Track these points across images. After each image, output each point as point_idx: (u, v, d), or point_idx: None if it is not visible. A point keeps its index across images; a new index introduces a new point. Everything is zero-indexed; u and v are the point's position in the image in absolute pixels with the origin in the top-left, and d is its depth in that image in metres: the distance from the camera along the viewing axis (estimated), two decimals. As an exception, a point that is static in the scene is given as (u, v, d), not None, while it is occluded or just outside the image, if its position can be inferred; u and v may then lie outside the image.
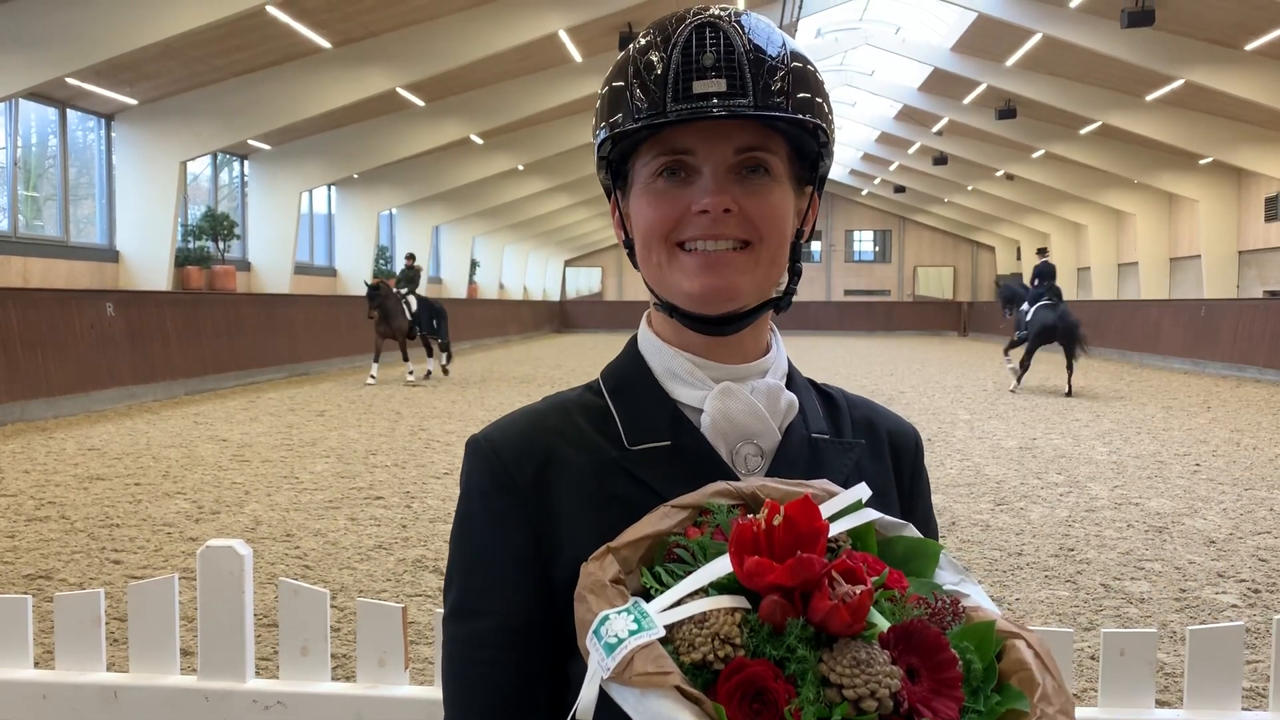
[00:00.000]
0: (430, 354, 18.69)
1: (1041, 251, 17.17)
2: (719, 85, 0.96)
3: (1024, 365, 16.20)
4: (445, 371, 19.03)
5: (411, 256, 19.05)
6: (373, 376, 17.47)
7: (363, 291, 26.66)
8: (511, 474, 1.02)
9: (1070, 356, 15.65)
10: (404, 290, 18.00)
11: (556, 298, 48.96)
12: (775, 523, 0.78)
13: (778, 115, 0.98)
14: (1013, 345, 16.62)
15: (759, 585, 0.77)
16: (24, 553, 5.90)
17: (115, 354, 13.84)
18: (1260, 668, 3.94)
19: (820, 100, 1.02)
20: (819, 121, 1.01)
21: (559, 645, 0.99)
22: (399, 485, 8.07)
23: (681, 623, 0.78)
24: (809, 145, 1.04)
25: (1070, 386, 15.81)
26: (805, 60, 1.02)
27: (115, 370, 13.89)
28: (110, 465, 8.95)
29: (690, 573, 0.82)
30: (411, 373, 17.70)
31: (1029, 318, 15.85)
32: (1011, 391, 16.22)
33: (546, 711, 1.00)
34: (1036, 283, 16.31)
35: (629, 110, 1.00)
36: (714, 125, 0.98)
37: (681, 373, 1.05)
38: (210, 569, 1.76)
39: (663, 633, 0.77)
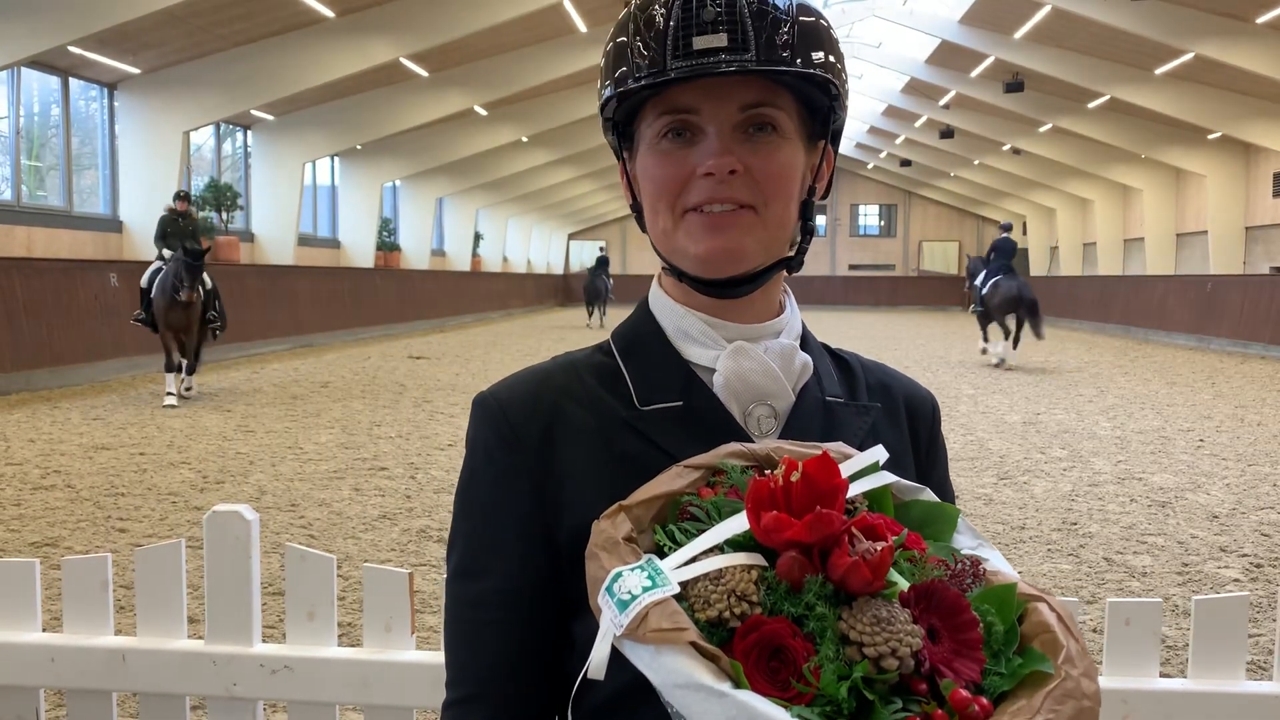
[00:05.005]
0: (199, 347, 11.65)
1: (1005, 227, 16.66)
2: (720, 40, 0.93)
3: (985, 333, 16.62)
4: (188, 388, 11.57)
5: (185, 196, 12.08)
6: (172, 393, 10.92)
7: (368, 264, 26.59)
8: (517, 431, 1.00)
9: (1029, 329, 15.70)
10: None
11: (560, 271, 48.83)
12: (793, 479, 0.77)
13: (782, 70, 0.94)
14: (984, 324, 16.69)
15: (776, 542, 0.76)
16: (30, 521, 5.92)
17: (120, 324, 13.82)
18: (1263, 641, 3.95)
19: (830, 53, 0.98)
20: (828, 76, 0.97)
21: (564, 604, 0.97)
22: (403, 456, 8.07)
23: (696, 580, 0.76)
24: (819, 100, 1.00)
25: (1010, 359, 16.03)
26: (813, 11, 0.98)
27: (120, 340, 13.89)
28: (115, 435, 8.96)
29: (704, 531, 0.81)
30: (190, 388, 11.59)
31: (985, 290, 15.80)
32: (997, 365, 16.13)
33: (551, 671, 0.99)
34: (992, 257, 16.09)
35: (630, 68, 0.97)
36: (717, 82, 0.95)
37: (694, 332, 1.03)
38: (217, 533, 1.75)
39: (677, 589, 0.75)
